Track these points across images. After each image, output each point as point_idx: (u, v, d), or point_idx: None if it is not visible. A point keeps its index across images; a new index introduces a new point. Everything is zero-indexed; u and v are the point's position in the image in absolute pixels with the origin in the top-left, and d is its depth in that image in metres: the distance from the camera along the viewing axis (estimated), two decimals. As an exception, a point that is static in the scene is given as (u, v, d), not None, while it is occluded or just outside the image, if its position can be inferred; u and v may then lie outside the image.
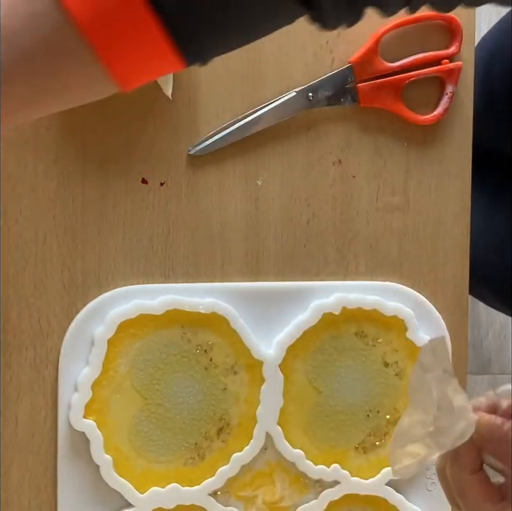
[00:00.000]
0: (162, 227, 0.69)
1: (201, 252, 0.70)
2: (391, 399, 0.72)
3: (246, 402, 0.69)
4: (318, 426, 0.71)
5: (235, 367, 0.69)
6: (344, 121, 0.72)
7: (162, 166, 0.69)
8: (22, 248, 0.67)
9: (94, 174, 0.68)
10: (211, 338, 0.69)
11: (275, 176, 0.71)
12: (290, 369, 0.70)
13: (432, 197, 0.73)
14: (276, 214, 0.71)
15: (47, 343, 0.67)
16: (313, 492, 0.71)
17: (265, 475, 0.71)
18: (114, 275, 0.68)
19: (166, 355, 0.68)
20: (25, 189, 0.67)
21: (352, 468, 0.71)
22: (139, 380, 0.68)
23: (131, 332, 0.67)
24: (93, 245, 0.68)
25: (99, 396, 0.67)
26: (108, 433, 0.67)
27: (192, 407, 0.69)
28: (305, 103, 0.70)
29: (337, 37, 0.71)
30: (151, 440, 0.68)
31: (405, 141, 0.73)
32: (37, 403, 0.67)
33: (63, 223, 0.67)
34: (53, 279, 0.67)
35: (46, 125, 0.67)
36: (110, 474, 0.67)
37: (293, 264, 0.71)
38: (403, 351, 0.72)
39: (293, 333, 0.70)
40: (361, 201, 0.72)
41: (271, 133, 0.71)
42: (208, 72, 0.69)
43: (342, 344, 0.71)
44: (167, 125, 0.69)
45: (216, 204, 0.70)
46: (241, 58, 0.70)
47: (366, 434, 0.72)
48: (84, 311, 0.67)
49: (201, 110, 0.69)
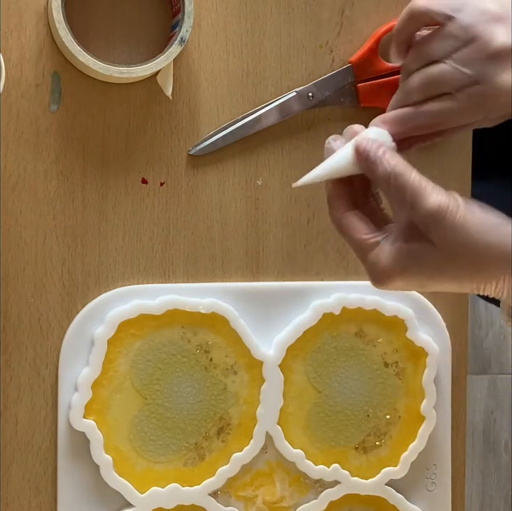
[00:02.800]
0: (162, 227, 0.69)
1: (201, 252, 0.70)
2: (391, 399, 0.72)
3: (246, 402, 0.69)
4: (318, 426, 0.71)
5: (235, 367, 0.69)
6: (344, 121, 0.72)
7: (162, 166, 0.69)
8: (22, 248, 0.67)
9: (94, 174, 0.68)
10: (211, 338, 0.69)
11: (275, 176, 0.71)
12: (290, 369, 0.70)
13: (432, 197, 0.73)
14: (276, 214, 0.71)
15: (47, 343, 0.67)
16: (313, 492, 0.71)
17: (265, 475, 0.71)
18: (114, 275, 0.68)
19: (166, 355, 0.68)
20: (25, 189, 0.67)
21: (352, 468, 0.71)
22: (139, 380, 0.68)
23: (131, 332, 0.67)
24: (93, 245, 0.68)
25: (99, 396, 0.67)
26: (108, 433, 0.67)
27: (192, 407, 0.69)
28: (305, 103, 0.70)
29: (337, 37, 0.71)
30: (151, 440, 0.68)
31: (405, 141, 0.73)
32: (37, 403, 0.67)
33: (63, 223, 0.67)
34: (53, 279, 0.67)
35: (46, 126, 0.67)
36: (110, 474, 0.67)
37: (293, 264, 0.71)
38: (403, 351, 0.72)
39: (293, 333, 0.70)
40: (361, 201, 0.72)
41: (271, 133, 0.71)
42: (208, 72, 0.69)
43: (342, 344, 0.71)
44: (166, 125, 0.69)
45: (216, 204, 0.70)
46: (241, 58, 0.70)
47: (366, 434, 0.72)
48: (84, 311, 0.67)
49: (201, 110, 0.70)
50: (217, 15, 0.69)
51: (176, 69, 0.68)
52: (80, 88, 0.67)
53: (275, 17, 0.70)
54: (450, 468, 0.73)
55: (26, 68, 0.66)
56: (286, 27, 0.71)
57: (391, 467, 0.72)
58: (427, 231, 0.49)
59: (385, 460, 0.72)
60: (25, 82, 0.66)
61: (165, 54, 0.65)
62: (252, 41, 0.70)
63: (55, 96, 0.67)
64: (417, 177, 0.51)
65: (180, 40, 0.64)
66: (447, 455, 0.73)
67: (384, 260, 0.50)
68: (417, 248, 0.50)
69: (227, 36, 0.70)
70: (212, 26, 0.69)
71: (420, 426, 0.72)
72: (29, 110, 0.66)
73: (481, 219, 0.50)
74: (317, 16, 0.71)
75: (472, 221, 0.49)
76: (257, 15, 0.70)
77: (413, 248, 0.50)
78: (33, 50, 0.66)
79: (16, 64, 0.66)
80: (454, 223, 0.49)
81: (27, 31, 0.66)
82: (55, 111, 0.67)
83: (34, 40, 0.66)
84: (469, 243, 0.49)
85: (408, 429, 0.72)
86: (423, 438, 0.72)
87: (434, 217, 0.49)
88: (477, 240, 0.49)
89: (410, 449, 0.72)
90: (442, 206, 0.49)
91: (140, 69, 0.64)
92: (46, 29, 0.66)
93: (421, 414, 0.72)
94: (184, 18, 0.64)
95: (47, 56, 0.66)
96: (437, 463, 0.73)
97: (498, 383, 1.62)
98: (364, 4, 0.71)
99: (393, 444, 0.72)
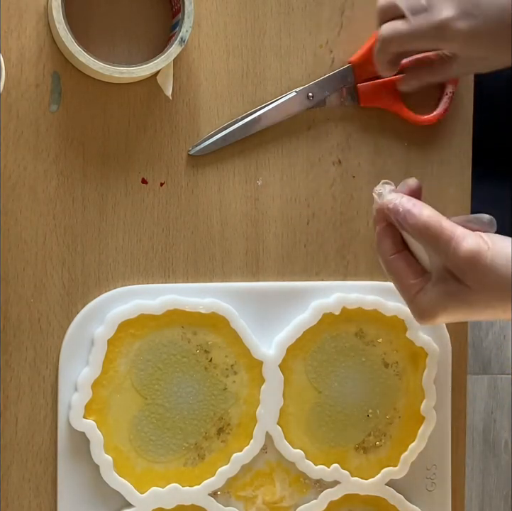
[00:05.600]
0: (162, 227, 0.69)
1: (201, 252, 0.70)
2: (391, 399, 0.72)
3: (246, 402, 0.69)
4: (318, 426, 0.71)
5: (235, 367, 0.69)
6: (344, 121, 0.72)
7: (162, 166, 0.69)
8: (22, 248, 0.67)
9: (94, 174, 0.68)
10: (211, 338, 0.69)
11: (275, 176, 0.71)
12: (290, 369, 0.70)
13: (432, 197, 0.73)
14: (276, 214, 0.71)
15: (47, 343, 0.67)
16: (313, 492, 0.71)
17: (265, 475, 0.71)
18: (114, 275, 0.68)
19: (166, 355, 0.68)
20: (25, 189, 0.67)
21: (352, 468, 0.71)
22: (139, 380, 0.68)
23: (131, 332, 0.67)
24: (93, 245, 0.68)
25: (99, 396, 0.67)
26: (108, 433, 0.67)
27: (192, 407, 0.69)
28: (305, 103, 0.70)
29: (337, 37, 0.71)
30: (151, 440, 0.68)
31: (405, 141, 0.73)
32: (37, 403, 0.67)
33: (63, 223, 0.67)
34: (53, 279, 0.67)
35: (46, 125, 0.67)
36: (110, 474, 0.67)
37: (293, 264, 0.71)
38: (403, 351, 0.72)
39: (293, 333, 0.70)
40: (361, 201, 0.72)
41: (271, 133, 0.71)
42: (208, 72, 0.69)
43: (342, 344, 0.71)
44: (166, 125, 0.69)
45: (216, 204, 0.70)
46: (241, 58, 0.70)
47: (366, 434, 0.72)
48: (84, 311, 0.67)
49: (201, 110, 0.70)
50: (217, 15, 0.69)
51: (176, 69, 0.68)
52: (80, 88, 0.67)
53: (275, 17, 0.70)
54: (450, 468, 0.74)
55: (26, 68, 0.66)
56: (286, 27, 0.71)
57: (391, 467, 0.72)
58: (461, 275, 0.53)
59: (385, 460, 0.72)
60: (25, 82, 0.66)
61: (165, 54, 0.65)
62: (252, 41, 0.70)
63: (55, 96, 0.67)
64: (448, 226, 0.54)
65: (180, 40, 0.64)
66: (447, 456, 0.73)
67: (427, 303, 0.55)
68: (454, 290, 0.53)
69: (227, 36, 0.70)
70: (212, 26, 0.69)
71: (420, 426, 0.72)
72: (29, 110, 0.66)
73: (507, 254, 0.53)
74: (317, 16, 0.71)
75: (500, 259, 0.53)
76: (257, 15, 0.70)
77: (450, 291, 0.54)
78: (33, 50, 0.66)
79: (16, 64, 0.66)
80: (486, 266, 0.53)
81: (27, 31, 0.66)
82: (55, 111, 0.67)
83: (34, 40, 0.66)
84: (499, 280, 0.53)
85: (408, 429, 0.72)
86: (422, 439, 0.72)
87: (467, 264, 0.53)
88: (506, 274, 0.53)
89: (410, 449, 0.72)
90: (473, 252, 0.53)
91: (140, 69, 0.64)
92: (46, 29, 0.66)
93: (421, 414, 0.72)
94: (184, 18, 0.64)
95: (47, 56, 0.66)
96: (437, 463, 0.73)
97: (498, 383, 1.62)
98: (364, 4, 0.71)
99: (393, 444, 0.72)
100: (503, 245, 0.53)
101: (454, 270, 0.53)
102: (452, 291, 0.53)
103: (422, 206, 0.56)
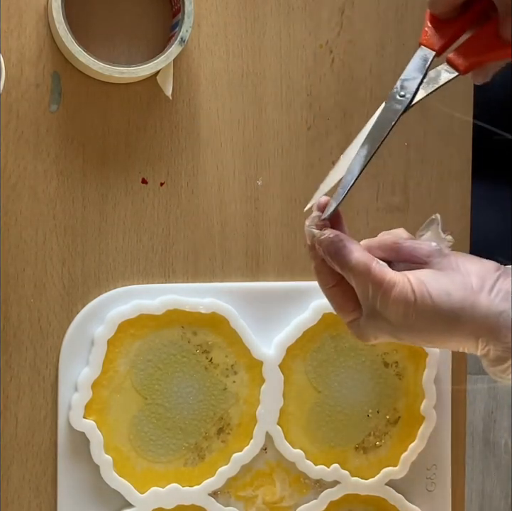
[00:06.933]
0: (162, 227, 0.69)
1: (201, 252, 0.70)
2: (391, 399, 0.72)
3: (246, 402, 0.69)
4: (318, 426, 0.71)
5: (235, 367, 0.69)
6: (344, 121, 0.72)
7: (162, 166, 0.69)
8: (22, 248, 0.67)
9: (94, 174, 0.68)
10: (211, 338, 0.69)
11: (275, 176, 0.71)
12: (290, 369, 0.70)
13: (432, 197, 0.73)
14: (276, 214, 0.71)
15: (47, 343, 0.67)
16: (313, 492, 0.71)
17: (265, 475, 0.71)
18: (114, 275, 0.68)
19: (166, 355, 0.68)
20: (25, 189, 0.67)
21: (352, 468, 0.71)
22: (139, 380, 0.68)
23: (131, 332, 0.67)
24: (93, 245, 0.68)
25: (99, 396, 0.67)
26: (108, 433, 0.67)
27: (192, 407, 0.69)
28: (399, 107, 0.57)
29: (337, 37, 0.71)
30: (151, 440, 0.68)
31: (405, 141, 0.73)
32: (37, 403, 0.67)
33: (63, 223, 0.67)
34: (53, 279, 0.67)
35: (46, 125, 0.67)
36: (110, 474, 0.67)
37: (293, 264, 0.71)
38: (403, 351, 0.72)
39: (293, 333, 0.70)
40: (361, 201, 0.72)
41: (271, 132, 0.71)
42: (208, 72, 0.69)
43: (342, 344, 0.71)
44: (166, 125, 0.69)
45: (216, 204, 0.70)
46: (241, 58, 0.70)
47: (366, 434, 0.72)
48: (84, 311, 0.67)
49: (201, 110, 0.70)
50: (217, 15, 0.69)
51: (176, 69, 0.68)
52: (80, 88, 0.67)
53: (275, 17, 0.70)
54: (450, 468, 0.74)
55: (26, 68, 0.66)
56: (286, 27, 0.71)
57: (391, 467, 0.72)
58: (389, 318, 0.55)
59: (385, 460, 0.72)
60: (25, 82, 0.66)
61: (165, 54, 0.65)
62: (252, 41, 0.70)
63: (55, 96, 0.67)
64: (377, 272, 0.55)
65: (180, 40, 0.64)
66: (447, 455, 0.73)
67: (361, 332, 0.58)
68: (383, 327, 0.56)
69: (227, 36, 0.70)
70: (212, 26, 0.69)
71: (420, 426, 0.72)
72: (29, 110, 0.66)
73: (433, 303, 0.55)
74: (317, 16, 0.71)
75: (426, 305, 0.55)
76: (257, 15, 0.70)
77: (380, 327, 0.56)
78: (33, 50, 0.66)
79: (16, 64, 0.66)
80: (412, 316, 0.55)
81: (27, 31, 0.66)
82: (55, 111, 0.67)
83: (34, 40, 0.66)
84: (425, 327, 0.55)
85: (408, 429, 0.72)
86: (422, 439, 0.72)
87: (394, 312, 0.55)
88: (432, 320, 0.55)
89: (410, 449, 0.72)
90: (400, 303, 0.55)
91: (140, 69, 0.64)
92: (46, 29, 0.66)
93: (421, 414, 0.72)
94: (184, 18, 0.64)
95: (47, 56, 0.66)
96: (437, 463, 0.73)
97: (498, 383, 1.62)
98: (364, 4, 0.71)
99: (393, 444, 0.72)
100: (433, 289, 0.54)
101: (383, 313, 0.55)
102: (381, 327, 0.56)
103: (349, 249, 0.56)
